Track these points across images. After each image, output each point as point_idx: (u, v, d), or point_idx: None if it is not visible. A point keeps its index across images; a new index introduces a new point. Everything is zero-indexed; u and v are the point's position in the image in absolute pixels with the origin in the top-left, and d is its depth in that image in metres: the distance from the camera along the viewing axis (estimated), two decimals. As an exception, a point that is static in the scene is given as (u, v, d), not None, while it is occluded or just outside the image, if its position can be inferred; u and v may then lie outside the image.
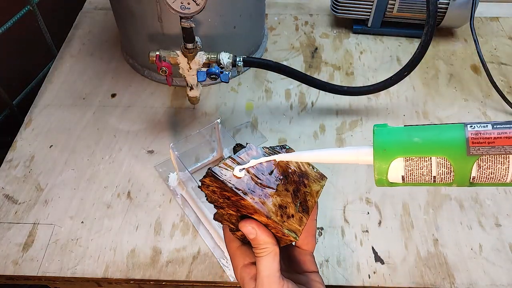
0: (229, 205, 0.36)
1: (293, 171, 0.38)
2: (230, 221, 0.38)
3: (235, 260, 0.38)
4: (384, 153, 0.30)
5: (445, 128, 0.30)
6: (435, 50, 0.82)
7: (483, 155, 0.28)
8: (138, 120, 0.70)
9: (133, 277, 0.53)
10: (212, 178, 0.35)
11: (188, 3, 0.50)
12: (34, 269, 0.53)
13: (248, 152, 0.37)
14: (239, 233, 0.38)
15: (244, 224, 0.35)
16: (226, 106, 0.72)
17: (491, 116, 0.70)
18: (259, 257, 0.35)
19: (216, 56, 0.59)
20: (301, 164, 0.39)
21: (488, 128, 0.28)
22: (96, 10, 0.91)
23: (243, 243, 0.39)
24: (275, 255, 0.35)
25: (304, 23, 0.89)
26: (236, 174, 0.35)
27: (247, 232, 0.35)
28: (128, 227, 0.57)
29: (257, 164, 0.36)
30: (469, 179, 0.29)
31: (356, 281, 0.53)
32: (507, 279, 0.52)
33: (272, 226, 0.35)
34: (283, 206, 0.35)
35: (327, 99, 0.73)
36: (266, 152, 0.38)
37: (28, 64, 0.83)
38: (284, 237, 0.35)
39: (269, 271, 0.34)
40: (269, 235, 0.35)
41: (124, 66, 0.79)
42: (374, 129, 0.32)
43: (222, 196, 0.36)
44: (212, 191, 0.36)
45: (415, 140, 0.30)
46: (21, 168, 0.63)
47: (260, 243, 0.35)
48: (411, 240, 0.56)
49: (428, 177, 0.30)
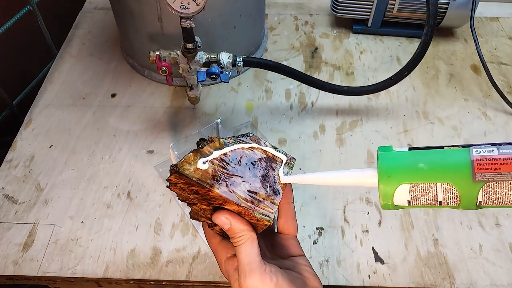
0: (200, 200, 0.36)
1: (260, 158, 0.38)
2: (206, 216, 0.38)
3: (218, 255, 0.38)
4: (389, 179, 0.30)
5: (450, 153, 0.29)
6: (435, 50, 0.82)
7: (489, 181, 0.28)
8: (138, 120, 0.70)
9: (133, 277, 0.53)
10: (176, 175, 0.34)
11: (188, 3, 0.50)
12: (34, 269, 0.53)
13: (210, 144, 0.37)
14: (217, 227, 0.38)
15: (217, 216, 0.35)
16: (226, 106, 0.72)
17: (491, 116, 0.70)
18: (237, 245, 0.35)
19: (216, 56, 0.59)
20: (267, 150, 0.40)
21: (494, 154, 0.28)
22: (96, 10, 0.91)
23: (223, 238, 0.39)
24: (253, 241, 0.35)
25: (304, 23, 0.89)
26: (199, 167, 0.35)
27: (221, 223, 0.35)
28: (128, 227, 0.57)
29: (221, 155, 0.36)
30: (476, 203, 0.29)
31: (356, 281, 0.53)
32: (507, 279, 0.52)
33: (244, 213, 0.35)
34: (252, 192, 0.35)
35: (327, 99, 0.73)
36: (229, 142, 0.38)
37: (28, 64, 0.83)
38: (259, 222, 0.35)
39: (249, 258, 0.34)
40: (244, 223, 0.35)
41: (124, 66, 0.79)
42: (378, 154, 0.32)
43: (191, 192, 0.36)
44: (180, 189, 0.36)
45: (420, 166, 0.29)
46: (21, 168, 0.63)
47: (236, 232, 0.35)
48: (411, 240, 0.56)
49: (434, 201, 0.30)
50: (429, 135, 0.68)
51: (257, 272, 0.34)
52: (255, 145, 0.39)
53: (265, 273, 0.34)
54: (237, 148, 0.37)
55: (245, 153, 0.38)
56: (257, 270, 0.34)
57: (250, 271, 0.34)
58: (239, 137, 0.40)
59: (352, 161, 0.64)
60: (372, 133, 0.68)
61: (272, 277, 0.34)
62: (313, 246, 0.55)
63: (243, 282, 0.34)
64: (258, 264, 0.34)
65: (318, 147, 0.66)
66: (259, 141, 0.40)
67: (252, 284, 0.33)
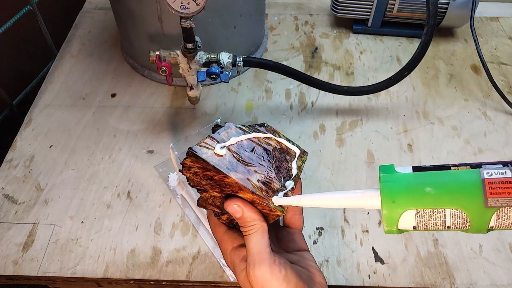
0: (213, 186, 0.35)
1: (274, 147, 0.38)
2: (215, 204, 0.37)
3: (223, 245, 0.38)
4: (393, 205, 0.28)
5: (458, 175, 0.27)
6: (435, 50, 0.82)
7: (503, 206, 0.25)
8: (138, 120, 0.70)
9: (133, 277, 0.53)
10: (193, 158, 0.34)
11: (188, 3, 0.50)
12: (34, 269, 0.53)
13: (227, 130, 0.37)
14: (225, 217, 0.37)
15: (229, 203, 0.34)
16: (226, 106, 0.72)
17: (491, 116, 0.70)
18: (247, 235, 0.34)
19: (216, 56, 0.59)
20: (281, 141, 0.39)
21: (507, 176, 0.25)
22: (96, 10, 0.91)
23: (229, 228, 0.38)
24: (264, 232, 0.34)
25: (304, 23, 0.89)
26: (217, 152, 0.34)
27: (232, 211, 0.34)
28: (128, 227, 0.57)
29: (238, 142, 0.36)
30: (487, 228, 0.27)
31: (356, 281, 0.52)
32: (507, 279, 0.52)
33: (258, 202, 0.34)
34: (267, 182, 0.35)
35: (327, 99, 0.73)
36: (245, 130, 0.38)
37: (28, 64, 0.83)
38: (271, 213, 0.35)
39: (259, 248, 0.34)
40: (256, 212, 0.34)
41: (124, 66, 0.79)
42: (380, 176, 0.29)
43: (204, 177, 0.35)
44: (194, 173, 0.35)
45: (427, 190, 0.27)
46: (21, 168, 0.63)
47: (247, 221, 0.34)
48: (411, 240, 0.56)
49: (442, 226, 0.28)
50: (429, 135, 0.68)
51: (267, 262, 0.33)
52: (270, 135, 0.39)
53: (274, 264, 0.33)
54: (253, 137, 0.37)
55: (260, 142, 0.37)
56: (266, 260, 0.33)
57: (260, 261, 0.33)
58: (256, 126, 0.39)
59: (352, 161, 0.64)
60: (372, 133, 0.68)
61: (281, 268, 0.33)
62: (313, 246, 0.55)
63: (251, 272, 0.33)
64: (268, 254, 0.33)
65: (318, 147, 0.66)
66: (274, 132, 0.40)
67: (261, 274, 0.33)
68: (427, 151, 0.66)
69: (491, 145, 0.66)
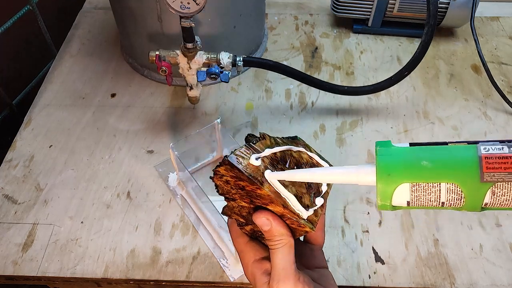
0: (242, 196, 0.35)
1: (306, 162, 0.37)
2: (241, 214, 0.37)
3: (245, 255, 0.37)
4: (388, 178, 0.28)
5: (456, 150, 0.27)
6: (436, 50, 0.82)
7: (498, 182, 0.25)
8: (138, 120, 0.70)
9: (133, 277, 0.53)
10: (228, 167, 0.33)
11: (188, 2, 0.50)
12: (34, 269, 0.53)
13: (262, 141, 0.36)
14: (248, 227, 0.37)
15: (258, 216, 0.34)
16: (226, 106, 0.72)
17: (491, 116, 0.70)
18: (274, 249, 0.34)
19: (216, 56, 0.59)
20: (313, 156, 0.39)
21: (504, 151, 0.25)
22: (95, 10, 0.91)
23: (251, 239, 0.38)
24: (291, 247, 0.34)
25: (304, 23, 0.89)
26: (252, 163, 0.33)
27: (261, 224, 0.34)
28: (128, 227, 0.57)
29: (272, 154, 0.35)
30: (481, 205, 0.27)
31: (357, 281, 0.52)
32: (508, 279, 0.52)
33: (287, 217, 0.34)
34: (298, 196, 0.34)
35: (327, 99, 0.73)
36: (279, 142, 0.37)
37: (28, 64, 0.83)
38: (300, 228, 0.34)
39: (285, 263, 0.33)
40: (284, 226, 0.34)
41: (124, 66, 0.79)
42: (376, 149, 0.29)
43: (236, 187, 0.34)
44: (225, 182, 0.35)
45: (423, 164, 0.27)
46: (20, 168, 0.63)
47: (275, 235, 0.34)
48: (412, 240, 0.56)
49: (436, 202, 0.28)
50: (429, 135, 0.68)
51: (292, 279, 0.33)
52: (302, 149, 0.38)
53: (299, 282, 0.33)
54: (286, 150, 0.36)
55: (293, 155, 0.37)
56: (291, 277, 0.33)
57: (285, 277, 0.33)
58: (289, 139, 0.39)
59: (352, 161, 0.64)
60: (372, 133, 0.68)
61: (305, 286, 0.33)
62: (313, 246, 0.55)
63: (275, 287, 0.33)
64: (293, 271, 0.33)
65: (318, 147, 0.66)
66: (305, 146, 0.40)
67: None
68: (427, 151, 0.65)
69: (491, 145, 0.66)
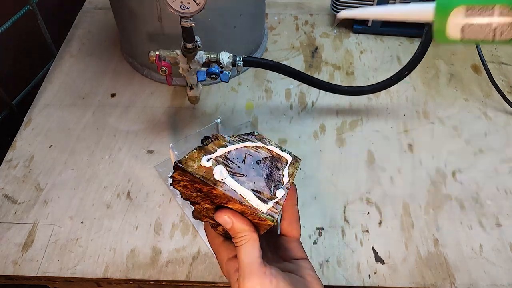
0: (203, 198, 0.35)
1: (265, 157, 0.38)
2: (209, 216, 0.37)
3: (220, 255, 0.38)
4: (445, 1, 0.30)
5: None
6: (436, 49, 0.82)
7: None
8: (138, 120, 0.70)
9: (133, 277, 0.53)
10: (180, 172, 0.34)
11: (188, 2, 0.50)
12: (34, 269, 0.53)
13: (215, 142, 0.37)
14: (220, 228, 0.38)
15: (219, 215, 0.35)
16: (226, 106, 0.72)
17: (491, 116, 0.70)
18: (238, 246, 0.34)
19: (216, 56, 0.59)
20: (272, 149, 0.39)
21: None
22: (95, 10, 0.91)
23: (225, 238, 0.39)
24: (254, 242, 0.34)
25: (304, 23, 0.89)
26: (203, 164, 0.34)
27: (223, 222, 0.35)
28: (128, 227, 0.57)
29: (226, 153, 0.36)
30: None
31: (356, 281, 0.52)
32: (508, 279, 0.52)
33: (248, 212, 0.34)
34: (256, 191, 0.35)
35: (327, 99, 0.73)
36: (234, 140, 0.38)
37: (28, 64, 0.83)
38: (262, 222, 0.35)
39: (250, 259, 0.34)
40: (246, 222, 0.34)
41: (124, 66, 0.79)
42: None
43: (194, 190, 0.35)
44: (183, 186, 0.35)
45: None
46: (20, 168, 0.63)
47: (237, 232, 0.34)
48: (412, 240, 0.56)
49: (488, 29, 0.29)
50: (429, 135, 0.68)
51: (257, 273, 0.33)
52: (260, 144, 0.39)
53: (264, 275, 0.33)
54: (241, 147, 0.37)
55: (249, 151, 0.37)
56: (257, 271, 0.33)
57: (250, 272, 0.33)
58: (244, 136, 0.40)
59: (352, 161, 0.64)
60: (372, 133, 0.68)
61: (272, 279, 0.33)
62: (313, 246, 0.55)
63: (241, 284, 0.33)
64: (258, 266, 0.34)
65: (318, 147, 0.66)
66: (264, 140, 0.40)
67: (251, 286, 0.33)
68: (428, 151, 0.65)
69: (491, 145, 0.66)
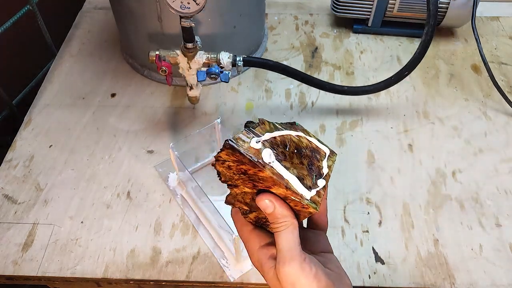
0: (245, 181, 0.35)
1: (306, 146, 0.38)
2: (244, 201, 0.37)
3: (251, 243, 0.37)
4: None
5: None
6: (436, 49, 0.82)
7: None
8: (138, 120, 0.70)
9: (133, 277, 0.53)
10: (229, 151, 0.33)
11: (188, 2, 0.50)
12: (34, 269, 0.53)
13: (261, 126, 0.37)
14: (252, 215, 0.37)
15: (261, 198, 0.34)
16: (226, 106, 0.72)
17: (491, 116, 0.70)
18: (278, 231, 0.34)
19: (216, 56, 0.59)
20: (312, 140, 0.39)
21: None
22: (95, 10, 0.91)
23: (255, 227, 0.38)
24: (295, 229, 0.34)
25: (304, 23, 0.89)
26: (253, 146, 0.33)
27: (264, 206, 0.34)
28: (128, 227, 0.57)
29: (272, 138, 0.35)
30: None
31: (357, 281, 0.52)
32: (508, 279, 0.52)
33: (290, 198, 0.34)
34: (300, 178, 0.34)
35: (327, 99, 0.73)
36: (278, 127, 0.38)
37: (28, 64, 0.83)
38: (304, 209, 0.34)
39: (290, 245, 0.33)
40: (288, 208, 0.34)
41: (124, 66, 0.79)
42: None
43: (238, 171, 0.34)
44: (227, 167, 0.35)
45: None
46: (20, 168, 0.63)
47: (278, 217, 0.33)
48: (412, 240, 0.56)
49: None
50: (429, 135, 0.68)
51: (298, 260, 0.32)
52: (301, 134, 0.39)
53: (305, 262, 0.33)
54: (286, 134, 0.37)
55: (292, 140, 0.37)
56: (297, 257, 0.33)
57: (291, 258, 0.33)
58: (288, 124, 0.39)
59: (352, 161, 0.64)
60: (372, 133, 0.68)
61: (311, 266, 0.33)
62: (313, 246, 0.55)
63: (281, 269, 0.33)
64: (298, 252, 0.33)
65: (318, 147, 0.66)
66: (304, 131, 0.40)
67: (291, 272, 0.32)
68: (428, 151, 0.65)
69: (491, 145, 0.66)
